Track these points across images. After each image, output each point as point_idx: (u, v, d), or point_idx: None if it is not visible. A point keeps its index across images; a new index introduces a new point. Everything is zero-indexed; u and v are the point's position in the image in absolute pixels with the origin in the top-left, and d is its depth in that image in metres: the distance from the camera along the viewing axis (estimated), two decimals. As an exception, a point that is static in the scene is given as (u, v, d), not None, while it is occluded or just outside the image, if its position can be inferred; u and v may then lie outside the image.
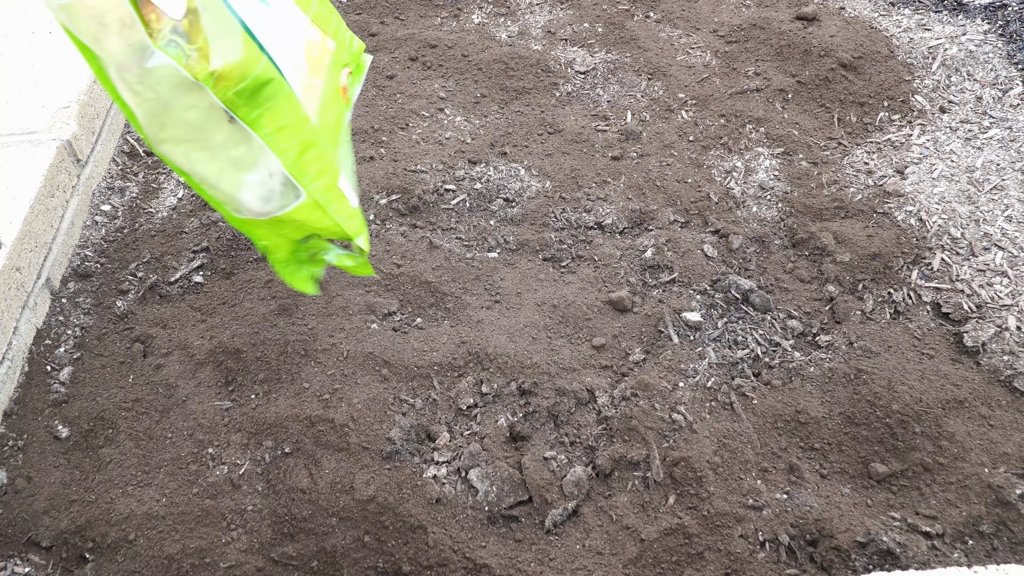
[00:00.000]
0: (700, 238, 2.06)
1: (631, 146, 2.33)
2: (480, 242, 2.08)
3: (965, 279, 1.94)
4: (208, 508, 1.59)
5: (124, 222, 2.21)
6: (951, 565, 1.47)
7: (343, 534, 1.52)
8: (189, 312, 1.95)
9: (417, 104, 2.49)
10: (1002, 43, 2.55)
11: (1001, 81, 2.44)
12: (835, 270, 1.96)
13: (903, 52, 2.56)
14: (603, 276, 1.98)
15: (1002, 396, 1.72)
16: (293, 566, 1.52)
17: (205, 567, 1.51)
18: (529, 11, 2.83)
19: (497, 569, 1.49)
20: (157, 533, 1.56)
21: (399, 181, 2.20)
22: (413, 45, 2.68)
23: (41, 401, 1.80)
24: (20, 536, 1.59)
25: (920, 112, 2.38)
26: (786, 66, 2.51)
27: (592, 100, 2.49)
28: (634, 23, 2.74)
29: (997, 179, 2.16)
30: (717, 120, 2.39)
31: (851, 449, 1.65)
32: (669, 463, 1.61)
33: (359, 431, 1.67)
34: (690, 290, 1.95)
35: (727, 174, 2.25)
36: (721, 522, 1.53)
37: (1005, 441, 1.64)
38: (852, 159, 2.27)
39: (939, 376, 1.73)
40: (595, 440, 1.68)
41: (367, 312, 1.91)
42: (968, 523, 1.53)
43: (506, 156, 2.31)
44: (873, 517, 1.54)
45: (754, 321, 1.89)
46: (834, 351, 1.82)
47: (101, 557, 1.55)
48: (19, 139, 2.13)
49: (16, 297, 1.86)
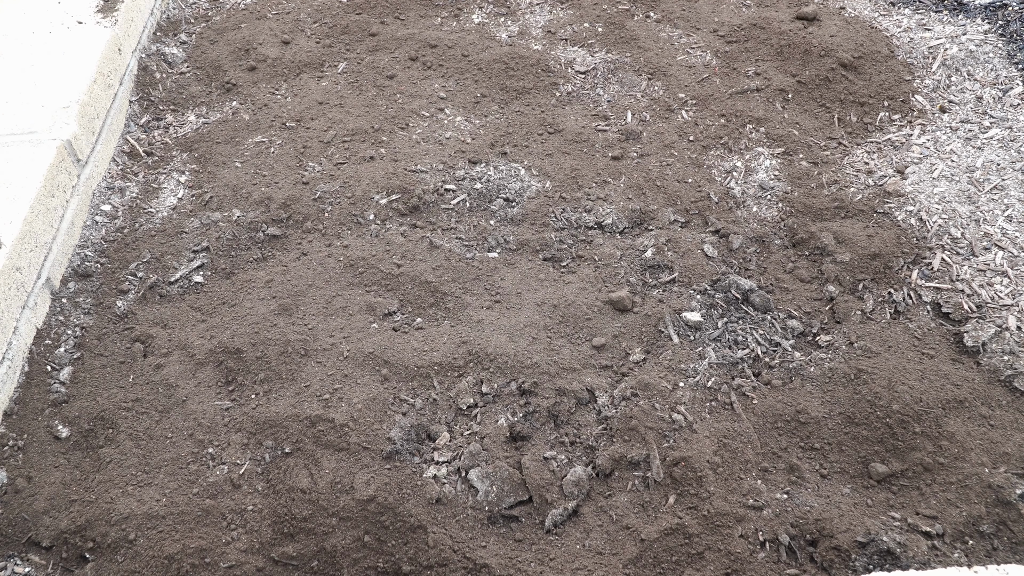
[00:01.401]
0: (700, 238, 2.06)
1: (631, 146, 2.33)
2: (480, 242, 2.08)
3: (965, 279, 1.94)
4: (208, 508, 1.59)
5: (124, 222, 2.21)
6: (951, 565, 1.47)
7: (343, 534, 1.52)
8: (189, 312, 1.95)
9: (417, 104, 2.49)
10: (1002, 43, 2.55)
11: (1001, 81, 2.43)
12: (835, 270, 1.96)
13: (903, 52, 2.56)
14: (603, 276, 1.98)
15: (1002, 396, 1.72)
16: (293, 566, 1.51)
17: (205, 567, 1.51)
18: (529, 11, 2.83)
19: (497, 569, 1.48)
20: (157, 533, 1.56)
21: (399, 181, 2.20)
22: (413, 45, 2.68)
23: (41, 401, 1.80)
24: (20, 536, 1.59)
25: (920, 112, 2.37)
26: (786, 66, 2.51)
27: (592, 100, 2.49)
28: (634, 23, 2.74)
29: (997, 179, 2.16)
30: (717, 120, 2.39)
31: (851, 449, 1.65)
32: (669, 463, 1.61)
33: (359, 431, 1.67)
34: (690, 290, 1.95)
35: (727, 174, 2.24)
36: (721, 522, 1.52)
37: (1005, 441, 1.64)
38: (852, 159, 2.27)
39: (939, 376, 1.73)
40: (595, 440, 1.68)
41: (367, 312, 1.91)
42: (968, 523, 1.53)
43: (506, 156, 2.31)
44: (873, 517, 1.54)
45: (754, 321, 1.88)
46: (834, 351, 1.82)
47: (101, 557, 1.55)
48: (19, 139, 2.13)
49: (16, 297, 1.86)
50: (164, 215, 2.22)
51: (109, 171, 2.33)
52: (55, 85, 2.28)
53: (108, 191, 2.28)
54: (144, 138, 2.45)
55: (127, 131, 2.46)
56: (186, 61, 2.70)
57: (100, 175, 2.30)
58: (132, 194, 2.29)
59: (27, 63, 2.36)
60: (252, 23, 2.81)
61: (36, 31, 2.47)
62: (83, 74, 2.31)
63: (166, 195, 2.28)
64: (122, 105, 2.48)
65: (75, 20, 2.51)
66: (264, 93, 2.57)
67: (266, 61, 2.66)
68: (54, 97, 2.24)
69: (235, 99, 2.56)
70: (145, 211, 2.24)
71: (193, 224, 2.17)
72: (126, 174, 2.35)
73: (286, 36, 2.75)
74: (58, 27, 2.48)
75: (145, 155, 2.40)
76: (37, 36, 2.45)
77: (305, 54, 2.68)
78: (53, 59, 2.36)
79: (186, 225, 2.17)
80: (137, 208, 2.25)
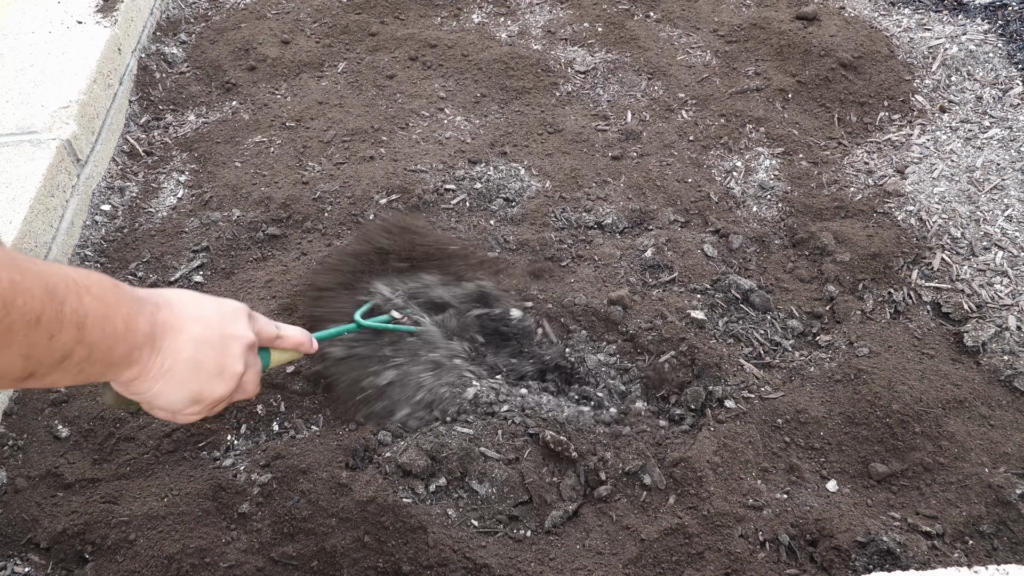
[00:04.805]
0: (700, 238, 2.06)
1: (631, 146, 2.33)
2: (480, 242, 2.08)
3: (965, 279, 1.94)
4: (208, 508, 1.59)
5: (124, 222, 2.21)
6: (951, 565, 1.47)
7: (343, 534, 1.52)
8: (189, 312, 1.95)
9: (417, 104, 2.49)
10: (1002, 43, 2.55)
11: (1001, 81, 2.43)
12: (835, 270, 1.96)
13: (903, 52, 2.56)
14: (603, 276, 1.98)
15: (1002, 396, 1.72)
16: (293, 566, 1.51)
17: (205, 567, 1.51)
18: (529, 11, 2.83)
19: (497, 569, 1.48)
20: (157, 533, 1.55)
21: (399, 181, 2.20)
22: (413, 45, 2.68)
23: (41, 401, 1.80)
24: (20, 536, 1.59)
25: (920, 112, 2.38)
26: (786, 66, 2.51)
27: (592, 100, 2.49)
28: (634, 23, 2.74)
29: (997, 179, 2.16)
30: (717, 120, 2.39)
31: (851, 449, 1.65)
32: (669, 463, 1.61)
33: (359, 430, 1.67)
34: (690, 290, 1.95)
35: (727, 174, 2.24)
36: (721, 522, 1.52)
37: (1005, 441, 1.64)
38: (852, 159, 2.27)
39: (939, 376, 1.73)
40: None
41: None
42: (968, 523, 1.53)
43: (506, 156, 2.31)
44: (873, 517, 1.54)
45: (754, 321, 1.88)
46: (834, 351, 1.82)
47: (101, 557, 1.55)
48: (19, 139, 2.12)
49: (16, 297, 1.86)
50: (164, 215, 2.22)
51: (109, 171, 2.33)
52: (55, 85, 2.28)
53: (108, 191, 2.28)
54: (144, 138, 2.45)
55: (127, 131, 2.46)
56: (186, 61, 2.70)
57: (100, 175, 2.30)
58: (132, 194, 2.29)
59: (27, 63, 2.36)
60: (252, 23, 2.81)
61: (36, 31, 2.47)
62: (83, 74, 2.31)
63: (166, 195, 2.28)
64: (122, 105, 2.48)
65: (75, 20, 2.51)
66: (264, 93, 2.57)
67: (266, 61, 2.66)
68: (54, 97, 2.24)
69: (235, 99, 2.56)
70: (145, 211, 2.24)
71: (193, 224, 2.17)
72: (126, 174, 2.35)
73: (286, 36, 2.75)
74: (58, 27, 2.48)
75: (145, 155, 2.40)
76: (37, 36, 2.45)
77: (305, 54, 2.68)
78: (53, 59, 2.36)
79: (186, 225, 2.17)
80: (137, 208, 2.25)
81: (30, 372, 0.85)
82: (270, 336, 1.24)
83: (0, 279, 0.77)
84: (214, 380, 1.10)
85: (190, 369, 1.06)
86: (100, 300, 0.91)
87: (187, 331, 1.07)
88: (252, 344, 1.15)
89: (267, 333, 1.23)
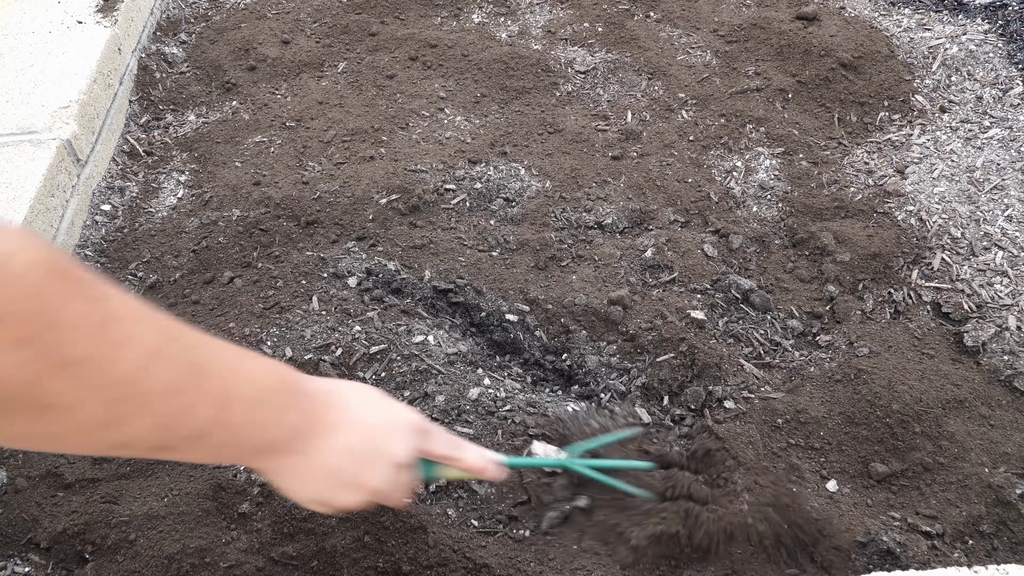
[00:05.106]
0: (700, 238, 2.06)
1: (631, 146, 2.33)
2: (480, 242, 2.08)
3: (965, 279, 1.93)
4: (208, 508, 1.59)
5: (124, 222, 2.21)
6: (951, 565, 1.47)
7: (343, 534, 1.52)
8: (189, 312, 1.95)
9: (417, 104, 2.49)
10: (1002, 43, 2.55)
11: (1001, 81, 2.43)
12: (835, 270, 1.96)
13: (903, 52, 2.55)
14: (603, 276, 1.98)
15: (1002, 396, 1.72)
16: (293, 566, 1.51)
17: (205, 567, 1.51)
18: (529, 11, 2.83)
19: (497, 569, 1.48)
20: (157, 533, 1.55)
21: (399, 181, 2.20)
22: (413, 45, 2.68)
23: (41, 401, 1.80)
24: (20, 536, 1.59)
25: (920, 112, 2.37)
26: (786, 66, 2.51)
27: (592, 100, 2.49)
28: (634, 23, 2.74)
29: (997, 179, 2.16)
30: (717, 120, 2.39)
31: (851, 449, 1.65)
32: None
33: (359, 431, 1.67)
34: (690, 290, 1.95)
35: (727, 174, 2.24)
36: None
37: (1005, 441, 1.64)
38: (852, 159, 2.27)
39: (939, 376, 1.73)
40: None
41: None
42: (968, 523, 1.53)
43: (506, 156, 2.31)
44: (873, 517, 1.54)
45: (754, 321, 1.88)
46: (834, 351, 1.82)
47: (101, 557, 1.55)
48: (19, 139, 2.13)
49: (16, 297, 1.86)
50: (164, 215, 2.22)
51: (109, 171, 2.33)
52: (55, 85, 2.28)
53: (108, 191, 2.28)
54: (144, 138, 2.45)
55: (127, 131, 2.46)
56: (186, 61, 2.70)
57: (100, 175, 2.30)
58: (132, 194, 2.29)
59: (27, 63, 2.36)
60: (252, 23, 2.81)
61: (36, 31, 2.47)
62: (83, 74, 2.31)
63: (166, 195, 2.28)
64: (122, 105, 2.48)
65: (75, 20, 2.51)
66: (264, 93, 2.57)
67: (266, 61, 2.66)
68: (54, 97, 2.24)
69: (235, 99, 2.56)
70: (145, 211, 2.24)
71: (193, 224, 2.17)
72: (126, 174, 2.35)
73: (286, 36, 2.75)
74: (58, 27, 2.48)
75: (145, 155, 2.40)
76: (37, 36, 2.45)
77: (305, 54, 2.68)
78: (53, 59, 2.36)
79: (186, 225, 2.17)
80: (137, 208, 2.25)
81: (163, 445, 0.82)
82: (442, 455, 1.17)
83: (145, 343, 0.74)
84: (346, 490, 1.02)
85: (325, 476, 0.99)
86: (251, 383, 0.86)
87: (339, 438, 0.99)
88: (402, 464, 1.09)
89: (438, 452, 1.12)
